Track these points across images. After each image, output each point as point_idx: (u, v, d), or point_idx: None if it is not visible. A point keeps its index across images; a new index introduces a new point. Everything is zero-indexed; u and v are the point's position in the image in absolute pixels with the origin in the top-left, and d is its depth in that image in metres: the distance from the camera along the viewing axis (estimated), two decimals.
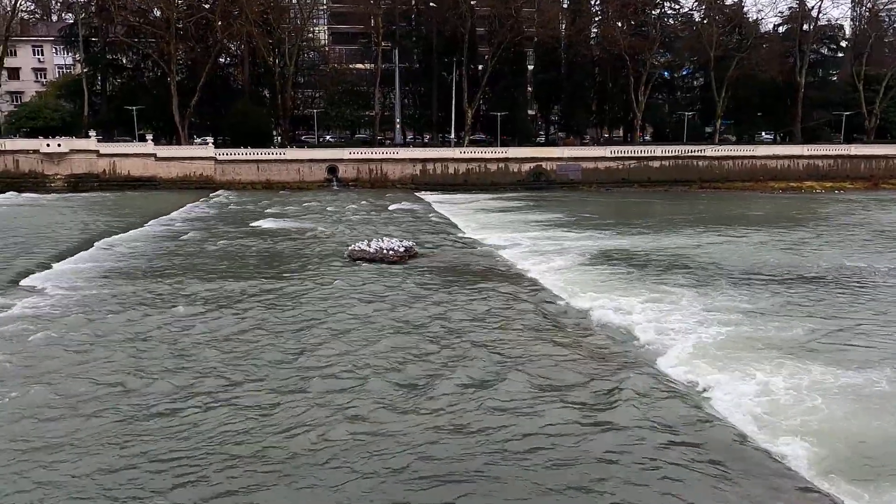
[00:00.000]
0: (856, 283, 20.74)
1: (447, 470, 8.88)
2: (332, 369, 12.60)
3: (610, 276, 22.05)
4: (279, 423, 10.28)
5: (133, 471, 8.78)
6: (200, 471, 8.82)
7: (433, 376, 12.16)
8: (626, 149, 65.95)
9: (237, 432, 9.92)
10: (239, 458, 9.11)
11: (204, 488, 8.40)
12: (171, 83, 64.61)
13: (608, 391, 11.56)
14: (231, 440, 9.69)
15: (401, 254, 23.64)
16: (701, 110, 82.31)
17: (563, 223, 36.88)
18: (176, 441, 9.63)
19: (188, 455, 9.23)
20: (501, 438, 9.71)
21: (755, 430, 10.04)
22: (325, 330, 15.16)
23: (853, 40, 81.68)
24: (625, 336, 15.20)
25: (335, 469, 8.89)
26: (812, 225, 36.22)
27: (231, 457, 9.17)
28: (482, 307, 17.06)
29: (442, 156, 62.09)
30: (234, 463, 9.00)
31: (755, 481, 8.52)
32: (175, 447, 9.44)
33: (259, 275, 21.42)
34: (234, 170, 59.19)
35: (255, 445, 9.48)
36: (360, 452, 9.34)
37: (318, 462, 9.07)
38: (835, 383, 11.90)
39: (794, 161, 66.09)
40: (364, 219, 37.74)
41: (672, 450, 9.34)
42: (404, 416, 10.48)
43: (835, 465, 9.02)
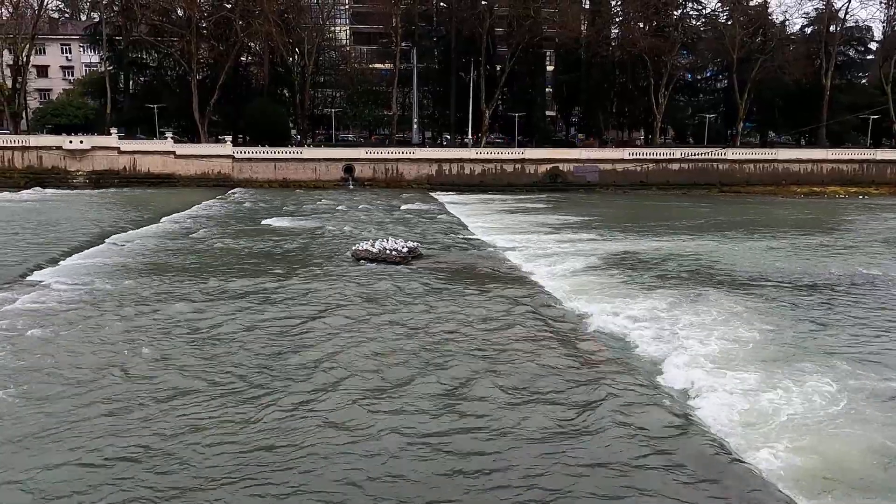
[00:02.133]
0: (867, 291, 20.24)
1: (421, 474, 8.80)
2: (321, 369, 12.59)
3: (616, 280, 21.77)
4: (263, 421, 10.30)
5: (110, 468, 8.83)
6: (185, 465, 8.89)
7: (417, 378, 12.10)
8: (645, 151, 65.29)
9: (223, 429, 9.96)
10: (225, 455, 9.16)
11: (188, 481, 8.46)
12: (192, 82, 65.40)
13: (595, 398, 11.37)
14: (217, 436, 9.75)
15: (404, 254, 23.60)
16: (723, 112, 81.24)
17: (575, 226, 36.59)
18: (162, 436, 9.69)
19: (171, 451, 9.28)
20: (477, 443, 9.61)
21: (738, 441, 9.82)
22: (319, 330, 15.17)
23: (882, 42, 79.99)
24: (621, 342, 15.00)
25: (315, 467, 8.91)
26: (832, 231, 35.51)
27: (214, 453, 9.22)
28: (479, 310, 16.94)
29: (458, 156, 61.99)
30: (217, 459, 9.05)
31: (731, 494, 8.31)
32: (160, 443, 9.49)
33: (262, 273, 21.51)
34: (251, 168, 59.69)
35: (240, 443, 9.53)
36: (338, 453, 9.34)
37: (296, 459, 9.10)
38: (827, 394, 11.61)
39: (818, 165, 64.91)
40: (375, 218, 37.80)
41: (650, 459, 9.16)
42: (380, 417, 10.43)
43: (815, 478, 8.77)
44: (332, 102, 78.19)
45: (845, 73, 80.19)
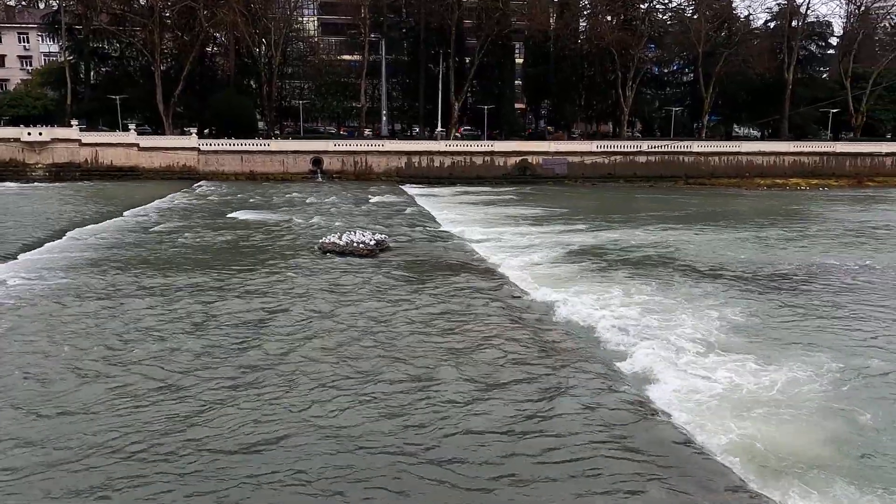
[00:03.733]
0: (822, 280, 20.76)
1: (382, 465, 8.80)
2: (282, 363, 12.50)
3: (582, 271, 21.97)
4: (222, 415, 10.20)
5: (58, 467, 8.66)
6: (139, 461, 8.77)
7: (380, 371, 12.09)
8: (613, 143, 65.91)
9: (180, 424, 9.83)
10: (179, 451, 9.05)
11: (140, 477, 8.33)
12: (156, 72, 64.09)
13: (557, 386, 11.50)
14: (173, 432, 9.62)
15: (371, 247, 23.50)
16: (689, 106, 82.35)
17: (543, 218, 36.80)
18: (116, 433, 9.52)
19: (124, 450, 9.11)
20: (439, 434, 9.65)
21: (695, 426, 10.01)
22: (282, 323, 15.05)
23: (842, 37, 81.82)
24: (585, 331, 15.14)
25: (276, 460, 8.86)
26: (792, 222, 36.28)
27: (169, 451, 9.09)
28: (445, 302, 16.97)
29: (427, 149, 61.86)
30: (172, 456, 8.93)
31: (688, 480, 8.48)
32: (111, 442, 9.32)
33: (225, 267, 21.23)
34: (217, 160, 58.80)
35: (197, 439, 9.42)
36: (299, 445, 9.32)
37: (256, 453, 9.04)
38: (781, 379, 11.90)
39: (780, 158, 66.25)
40: (343, 211, 37.55)
41: (610, 447, 9.30)
42: (342, 410, 10.41)
43: (769, 463, 8.99)
44: (301, 94, 77.31)
45: (807, 68, 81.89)
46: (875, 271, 22.15)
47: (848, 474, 8.76)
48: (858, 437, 9.92)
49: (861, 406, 10.96)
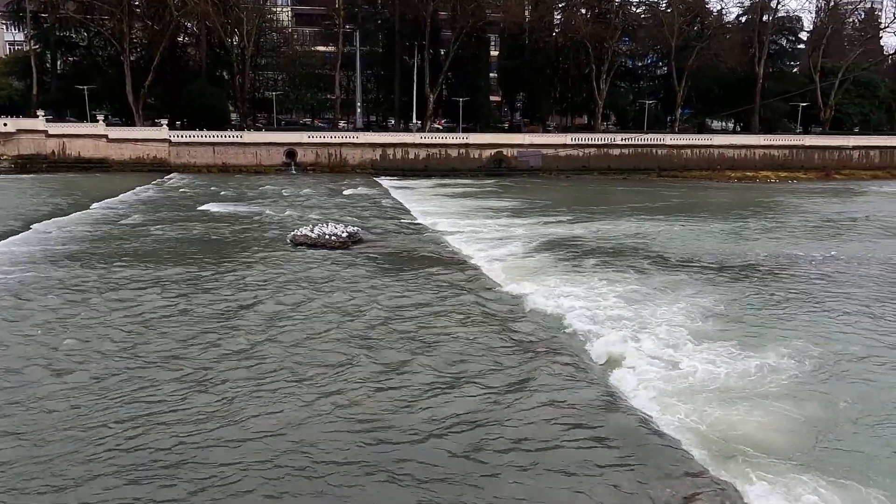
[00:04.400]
0: (789, 271, 21.14)
1: (349, 456, 8.79)
2: (251, 356, 12.41)
3: (554, 263, 22.08)
4: (190, 409, 10.11)
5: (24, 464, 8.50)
6: (107, 456, 8.66)
7: (349, 363, 12.06)
8: (587, 136, 66.25)
9: (144, 419, 9.70)
10: (145, 446, 8.97)
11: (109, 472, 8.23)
12: (125, 62, 62.86)
13: (525, 377, 11.57)
14: (136, 427, 9.51)
15: (343, 239, 23.39)
16: (663, 99, 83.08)
17: (517, 210, 36.93)
18: (82, 429, 9.40)
19: (86, 444, 8.99)
20: (406, 425, 9.66)
21: (658, 416, 10.15)
22: (251, 316, 14.92)
23: (812, 32, 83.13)
24: (554, 323, 15.22)
25: (245, 452, 8.83)
26: (761, 214, 36.81)
27: (132, 445, 8.99)
28: (417, 294, 16.96)
29: (402, 141, 61.60)
30: (136, 452, 8.83)
31: (650, 466, 8.59)
32: (81, 434, 9.21)
33: (195, 260, 20.99)
34: (188, 152, 57.95)
35: (161, 433, 9.32)
36: (268, 435, 9.31)
37: (225, 445, 9.01)
38: (746, 368, 12.15)
39: (751, 151, 67.17)
40: (317, 203, 37.29)
41: (575, 436, 9.39)
42: (310, 401, 10.37)
43: (730, 449, 9.15)
44: (274, 86, 76.43)
45: (777, 62, 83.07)
46: (839, 262, 22.61)
47: (807, 460, 8.94)
48: (819, 424, 10.12)
49: (823, 393, 11.22)
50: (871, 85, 79.97)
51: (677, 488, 8.03)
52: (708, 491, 7.93)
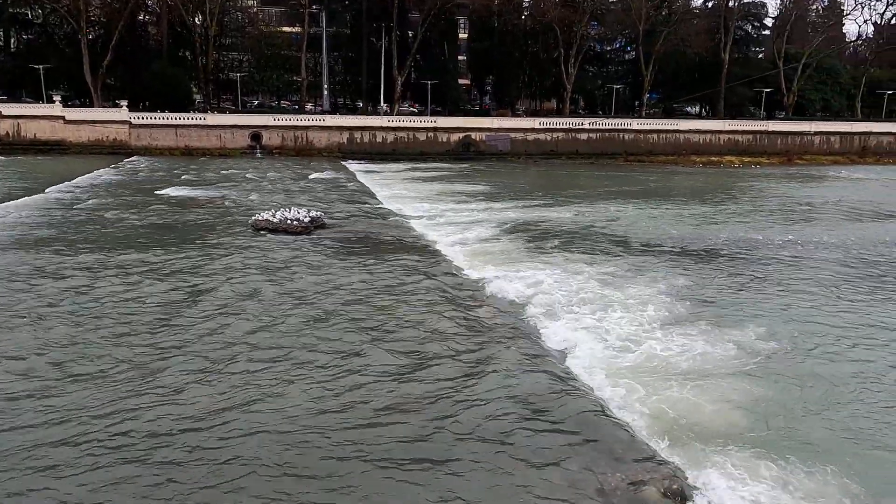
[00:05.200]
0: (747, 254, 21.44)
1: (302, 445, 8.63)
2: (206, 343, 12.12)
3: (518, 247, 22.07)
4: (142, 397, 9.84)
5: None
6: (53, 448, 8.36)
7: (305, 349, 11.86)
8: (555, 121, 66.38)
9: (89, 410, 9.41)
10: (97, 437, 8.69)
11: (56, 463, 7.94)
12: (83, 41, 60.95)
13: (482, 363, 11.49)
14: (90, 416, 9.23)
15: (305, 224, 23.03)
16: (631, 83, 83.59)
17: (484, 194, 36.85)
18: (25, 420, 9.06)
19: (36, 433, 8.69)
20: (360, 412, 9.51)
21: (613, 400, 10.17)
22: (207, 303, 14.57)
23: (776, 18, 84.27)
24: (515, 308, 15.19)
25: (197, 443, 8.61)
26: (724, 199, 37.32)
27: (88, 436, 8.72)
28: (376, 280, 16.75)
29: (370, 124, 60.99)
30: (89, 442, 8.57)
31: (601, 452, 8.59)
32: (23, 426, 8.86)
33: (152, 245, 20.47)
34: (150, 135, 56.59)
35: (116, 423, 9.06)
36: (221, 423, 9.11)
37: (177, 434, 8.80)
38: (705, 351, 12.26)
39: (716, 136, 68.05)
40: (281, 188, 36.72)
41: (528, 422, 9.34)
42: (266, 389, 10.17)
43: (681, 432, 9.21)
44: (239, 67, 74.93)
45: (742, 48, 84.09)
46: (796, 246, 23.00)
47: (759, 443, 8.99)
48: (774, 406, 10.21)
49: (779, 375, 11.34)
50: (832, 71, 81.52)
51: (627, 473, 8.04)
52: (656, 475, 7.95)
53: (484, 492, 7.64)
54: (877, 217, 31.00)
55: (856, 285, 17.81)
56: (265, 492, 7.66)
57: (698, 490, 7.79)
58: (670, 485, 7.80)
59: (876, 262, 20.85)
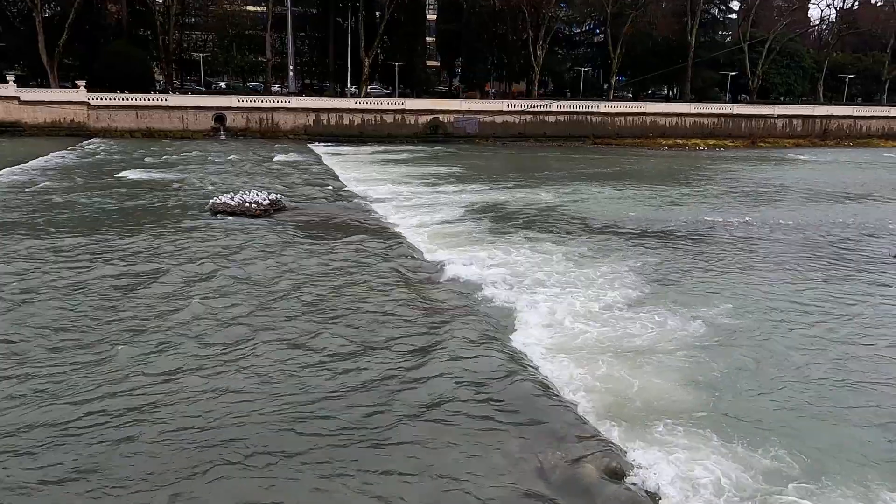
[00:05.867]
0: (703, 235, 21.74)
1: (247, 429, 8.54)
2: (155, 328, 11.92)
3: (481, 230, 22.06)
4: (79, 384, 9.64)
5: None
6: None
7: (256, 333, 11.73)
8: (523, 103, 66.29)
9: (33, 398, 9.19)
10: (37, 421, 8.51)
11: None
12: (37, 18, 58.91)
13: (433, 345, 11.48)
14: (21, 405, 9.00)
15: (265, 207, 22.73)
16: (599, 66, 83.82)
17: (450, 177, 36.71)
18: None
19: None
20: (308, 395, 9.46)
21: (560, 380, 10.25)
22: (159, 287, 14.31)
23: (742, 2, 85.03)
24: (471, 289, 15.18)
25: (140, 429, 8.50)
26: (687, 181, 37.71)
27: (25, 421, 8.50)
28: (332, 264, 16.61)
29: (336, 106, 60.22)
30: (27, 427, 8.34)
31: (544, 431, 8.66)
32: None
33: (105, 229, 20.03)
34: (109, 116, 55.15)
35: (61, 406, 8.91)
36: (163, 405, 9.03)
37: (123, 419, 8.69)
38: (655, 330, 12.44)
39: (682, 119, 68.65)
40: (244, 170, 36.13)
41: (472, 403, 9.37)
42: (215, 373, 10.06)
43: (625, 410, 9.32)
44: (203, 47, 73.30)
45: (709, 31, 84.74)
46: (752, 227, 23.39)
47: (701, 420, 9.12)
48: (720, 385, 10.34)
49: (726, 355, 11.50)
50: (796, 55, 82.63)
51: (567, 451, 8.11)
52: (596, 453, 8.04)
53: (421, 473, 7.65)
54: (832, 198, 31.65)
55: (811, 265, 18.17)
56: (203, 477, 7.56)
57: (636, 467, 7.89)
58: (609, 462, 7.89)
59: (830, 242, 21.30)
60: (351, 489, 7.38)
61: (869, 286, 16.34)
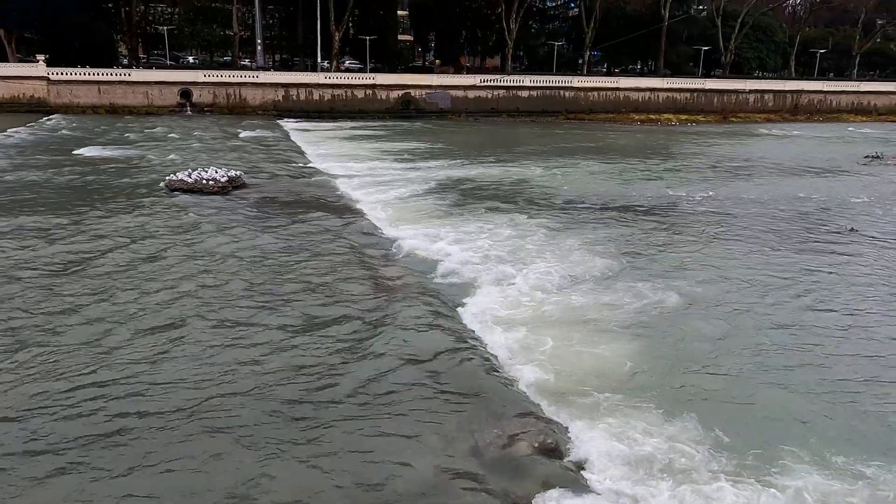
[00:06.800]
0: (665, 210, 21.74)
1: (183, 412, 8.32)
2: (92, 308, 11.58)
3: (444, 206, 21.82)
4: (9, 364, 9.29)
5: None
6: None
7: (201, 314, 11.46)
8: (496, 78, 65.64)
9: None
10: None
11: None
12: None
13: (377, 323, 11.30)
14: None
15: (223, 184, 22.24)
16: (574, 40, 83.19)
17: (419, 152, 36.31)
18: None
19: None
20: (252, 378, 9.23)
21: (506, 357, 10.16)
22: (103, 266, 13.92)
23: None
24: (427, 267, 14.99)
25: (73, 411, 8.26)
26: (657, 156, 37.69)
27: None
28: (287, 241, 16.30)
29: (306, 81, 59.10)
30: None
31: (483, 409, 8.55)
32: None
33: (55, 206, 19.45)
34: (70, 91, 53.56)
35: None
36: (97, 383, 8.77)
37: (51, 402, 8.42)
38: (608, 306, 12.42)
39: (655, 94, 68.53)
40: (207, 147, 35.35)
41: (413, 381, 9.24)
42: (143, 355, 9.76)
43: (567, 387, 9.26)
44: (170, 20, 71.36)
45: (682, 5, 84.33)
46: (715, 201, 23.45)
47: (643, 397, 9.05)
48: (662, 362, 10.31)
49: (676, 331, 11.53)
50: (768, 29, 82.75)
51: (504, 429, 8.00)
52: (533, 430, 7.95)
53: (351, 454, 7.50)
54: (795, 172, 31.86)
55: (770, 239, 18.26)
56: (139, 460, 7.34)
57: (572, 444, 7.82)
58: (545, 440, 7.81)
59: (790, 216, 21.44)
60: (278, 470, 7.21)
61: (826, 258, 16.47)
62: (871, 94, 75.52)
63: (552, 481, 7.00)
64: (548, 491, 6.85)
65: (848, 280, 14.75)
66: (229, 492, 6.88)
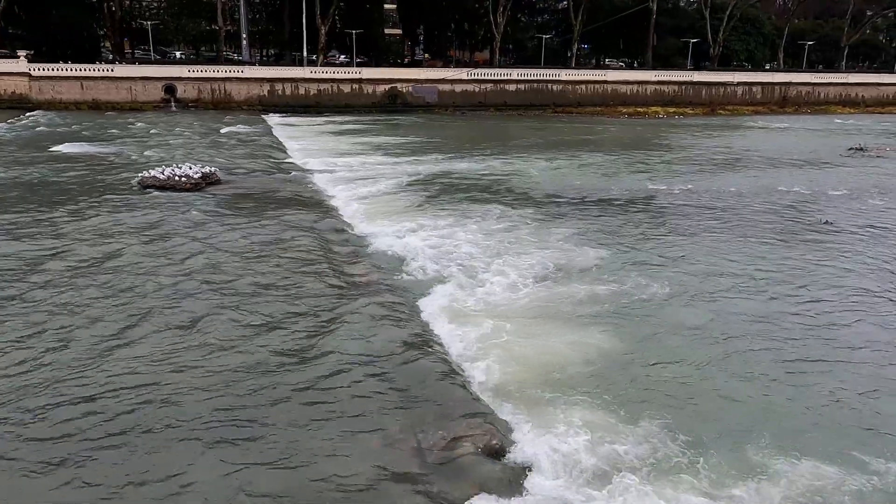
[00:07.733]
0: (644, 204, 21.61)
1: (119, 412, 8.16)
2: (50, 307, 11.38)
3: (420, 202, 21.66)
4: None
5: None
6: None
7: (161, 312, 11.27)
8: (484, 71, 65.37)
9: None
10: None
11: None
12: None
13: (335, 322, 11.15)
14: None
15: (196, 180, 21.99)
16: (562, 33, 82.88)
17: (401, 147, 36.09)
18: None
19: None
20: (186, 380, 9.06)
21: (460, 355, 10.03)
22: (62, 265, 13.68)
23: None
24: (395, 264, 14.85)
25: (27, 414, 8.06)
26: (642, 149, 37.55)
27: None
28: (255, 238, 16.09)
29: (291, 76, 58.71)
30: None
31: (431, 409, 8.42)
32: None
33: (24, 203, 19.20)
34: (53, 87, 53.04)
35: None
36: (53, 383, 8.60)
37: None
38: (573, 303, 12.31)
39: (643, 86, 68.37)
40: (187, 143, 35.03)
41: (364, 381, 9.10)
42: (94, 353, 9.59)
43: (519, 387, 9.13)
44: (156, 14, 70.72)
45: None
46: (693, 195, 23.36)
47: (594, 397, 8.92)
48: (617, 360, 10.16)
49: (636, 327, 11.39)
50: (756, 21, 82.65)
51: (449, 430, 7.87)
52: (478, 432, 7.82)
53: (290, 457, 7.36)
54: (778, 165, 31.79)
55: (746, 232, 18.17)
56: (83, 462, 7.18)
57: (516, 445, 7.69)
58: (489, 440, 7.68)
59: (768, 209, 21.36)
60: (214, 471, 7.06)
61: (797, 250, 16.39)
62: (860, 86, 75.60)
63: (490, 484, 6.87)
64: (485, 493, 6.72)
65: (815, 273, 14.67)
66: (162, 491, 6.73)
